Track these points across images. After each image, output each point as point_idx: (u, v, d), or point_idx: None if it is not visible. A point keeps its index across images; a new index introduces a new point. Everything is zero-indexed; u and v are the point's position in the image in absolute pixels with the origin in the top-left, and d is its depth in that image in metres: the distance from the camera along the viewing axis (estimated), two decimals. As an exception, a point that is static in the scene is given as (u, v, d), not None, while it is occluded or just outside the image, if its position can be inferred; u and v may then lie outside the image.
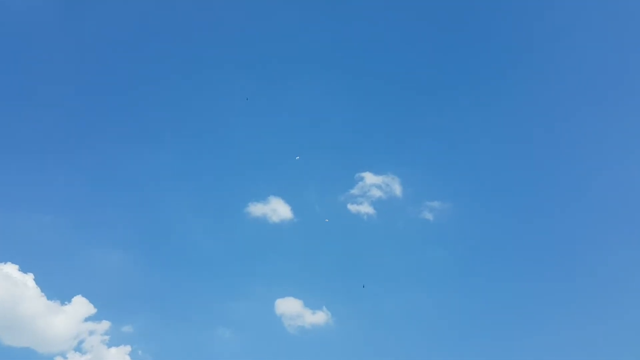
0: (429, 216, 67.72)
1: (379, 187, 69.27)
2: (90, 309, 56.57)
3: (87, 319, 56.29)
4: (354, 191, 69.16)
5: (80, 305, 56.47)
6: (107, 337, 55.77)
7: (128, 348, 54.87)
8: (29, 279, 56.72)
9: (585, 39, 77.66)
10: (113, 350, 54.76)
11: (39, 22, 73.97)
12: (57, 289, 57.53)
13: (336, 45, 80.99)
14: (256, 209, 67.45)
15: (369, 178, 69.83)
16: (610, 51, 75.56)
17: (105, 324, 56.41)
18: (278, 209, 67.38)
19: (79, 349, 54.82)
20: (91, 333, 55.83)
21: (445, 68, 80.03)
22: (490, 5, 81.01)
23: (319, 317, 59.81)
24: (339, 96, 78.78)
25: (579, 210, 67.92)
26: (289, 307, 60.14)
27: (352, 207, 68.07)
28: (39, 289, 56.63)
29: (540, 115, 75.82)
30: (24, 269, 56.99)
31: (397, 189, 69.57)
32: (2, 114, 69.46)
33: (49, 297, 56.88)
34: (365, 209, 67.93)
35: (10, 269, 56.32)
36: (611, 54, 75.62)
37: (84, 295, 57.07)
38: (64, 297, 57.04)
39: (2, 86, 70.48)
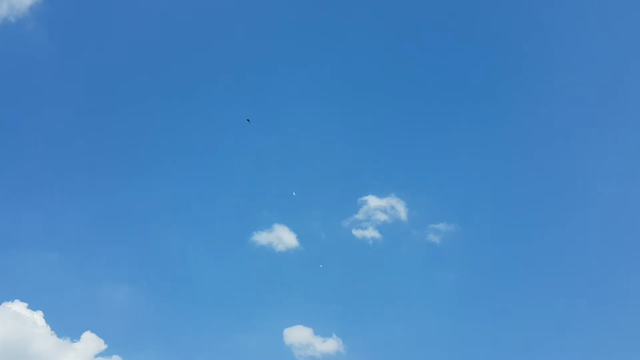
0: (435, 239, 67.86)
1: (383, 210, 69.37)
2: (101, 345, 56.61)
3: (98, 355, 56.36)
4: (359, 216, 69.35)
5: (91, 342, 56.50)
6: (118, 373, 55.71)
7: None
8: (38, 316, 56.70)
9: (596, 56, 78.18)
10: (125, 384, 54.71)
11: (40, 61, 75.09)
12: (66, 326, 57.75)
13: (336, 69, 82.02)
14: (261, 238, 67.74)
15: (373, 201, 69.84)
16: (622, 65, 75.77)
17: (116, 360, 56.42)
18: (283, 237, 67.57)
19: (90, 385, 54.79)
20: (102, 369, 55.80)
21: (446, 89, 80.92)
22: (499, 30, 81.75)
23: (330, 345, 59.78)
24: (338, 120, 79.72)
25: (591, 230, 67.61)
26: (298, 335, 60.06)
27: (357, 233, 68.38)
28: (48, 327, 56.65)
29: (548, 134, 76.08)
30: (33, 307, 57.11)
31: (401, 212, 69.61)
32: (8, 153, 70.23)
33: (59, 335, 56.88)
34: (371, 233, 68.10)
35: (19, 307, 56.29)
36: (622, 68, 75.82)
37: (93, 331, 57.21)
38: (73, 334, 57.14)
39: (6, 126, 71.29)
